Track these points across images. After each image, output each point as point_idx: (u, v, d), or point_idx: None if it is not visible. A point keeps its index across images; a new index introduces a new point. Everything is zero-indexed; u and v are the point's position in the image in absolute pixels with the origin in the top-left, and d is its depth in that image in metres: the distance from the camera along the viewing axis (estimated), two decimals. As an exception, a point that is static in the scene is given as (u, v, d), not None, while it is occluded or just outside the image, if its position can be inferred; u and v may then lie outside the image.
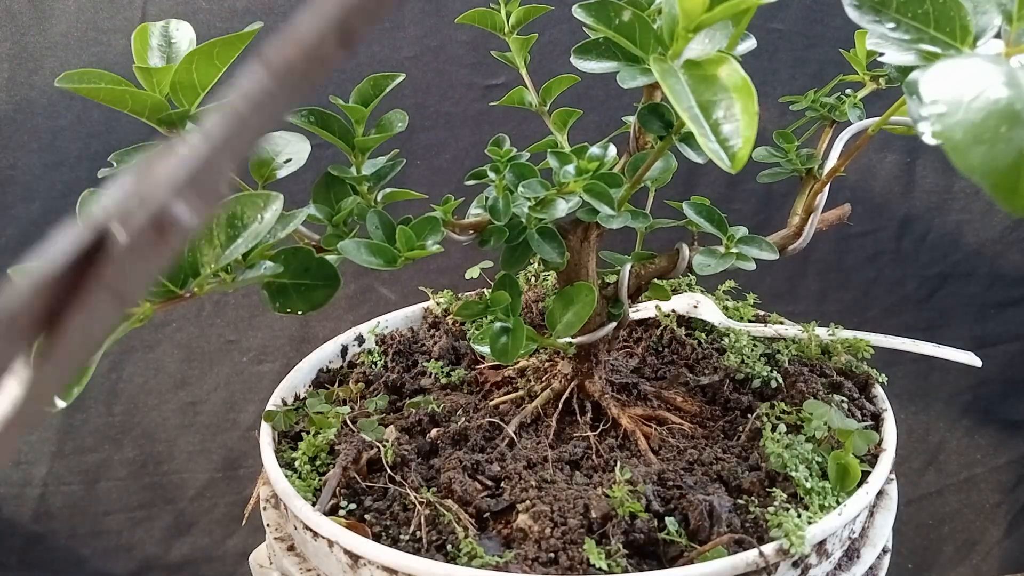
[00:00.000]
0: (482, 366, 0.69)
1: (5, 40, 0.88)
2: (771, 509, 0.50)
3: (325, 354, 0.72)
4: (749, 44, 0.46)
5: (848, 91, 0.62)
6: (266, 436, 0.59)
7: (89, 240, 0.15)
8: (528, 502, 0.50)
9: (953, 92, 0.27)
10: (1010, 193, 0.25)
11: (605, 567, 0.46)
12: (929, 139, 0.27)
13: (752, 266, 0.54)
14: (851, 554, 0.53)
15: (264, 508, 0.58)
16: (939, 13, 0.33)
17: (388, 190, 0.54)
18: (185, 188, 0.15)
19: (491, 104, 0.67)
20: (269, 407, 0.63)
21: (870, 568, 0.54)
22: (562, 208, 0.50)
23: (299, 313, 0.45)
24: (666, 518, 0.50)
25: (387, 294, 1.01)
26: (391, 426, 0.59)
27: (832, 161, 0.58)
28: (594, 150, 0.51)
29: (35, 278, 0.15)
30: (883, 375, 0.65)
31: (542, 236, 0.52)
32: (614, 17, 0.40)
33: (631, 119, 0.57)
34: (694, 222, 0.55)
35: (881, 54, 0.36)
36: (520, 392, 0.63)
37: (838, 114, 0.60)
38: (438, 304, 0.78)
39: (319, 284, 0.45)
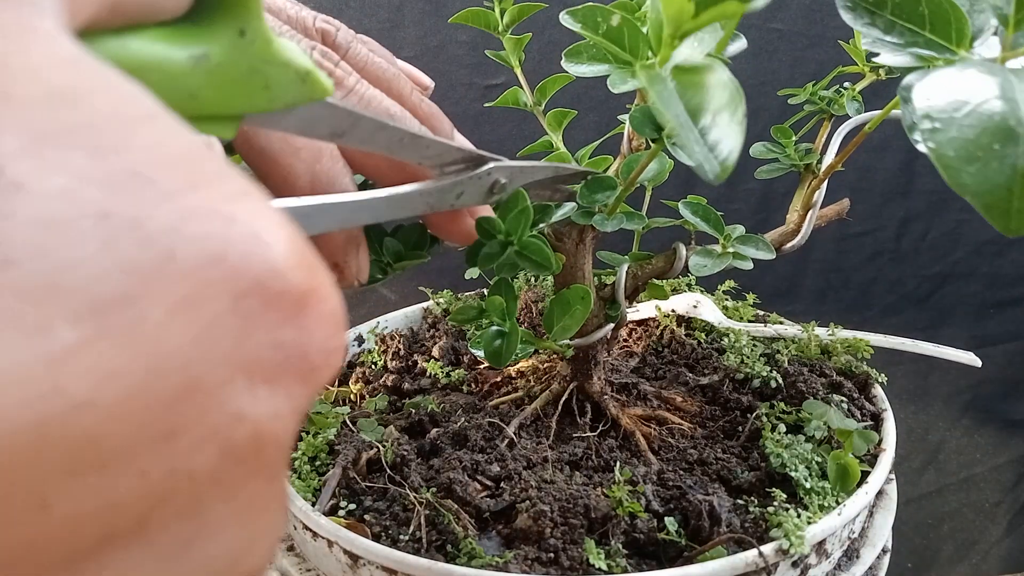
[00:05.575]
0: (482, 366, 0.69)
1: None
2: (771, 509, 0.50)
3: (325, 354, 0.72)
4: (740, 45, 0.45)
5: (847, 84, 0.62)
6: (266, 436, 0.59)
7: None
8: (528, 502, 0.50)
9: (945, 107, 0.26)
10: (1003, 214, 0.25)
11: (605, 567, 0.46)
12: (922, 148, 0.27)
13: (749, 266, 0.54)
14: (851, 554, 0.53)
15: (264, 508, 0.58)
16: (935, 15, 0.33)
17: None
18: None
19: (487, 105, 0.67)
20: (269, 407, 0.63)
21: (870, 568, 0.54)
22: (556, 214, 0.50)
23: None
24: (666, 518, 0.50)
25: (387, 294, 1.01)
26: (391, 426, 0.59)
27: (831, 156, 0.58)
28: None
29: None
30: (883, 375, 0.65)
31: (521, 256, 0.46)
32: (602, 23, 0.40)
33: (626, 119, 0.57)
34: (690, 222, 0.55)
35: (877, 54, 0.36)
36: (520, 393, 0.63)
37: (836, 107, 0.60)
38: (438, 304, 0.78)
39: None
